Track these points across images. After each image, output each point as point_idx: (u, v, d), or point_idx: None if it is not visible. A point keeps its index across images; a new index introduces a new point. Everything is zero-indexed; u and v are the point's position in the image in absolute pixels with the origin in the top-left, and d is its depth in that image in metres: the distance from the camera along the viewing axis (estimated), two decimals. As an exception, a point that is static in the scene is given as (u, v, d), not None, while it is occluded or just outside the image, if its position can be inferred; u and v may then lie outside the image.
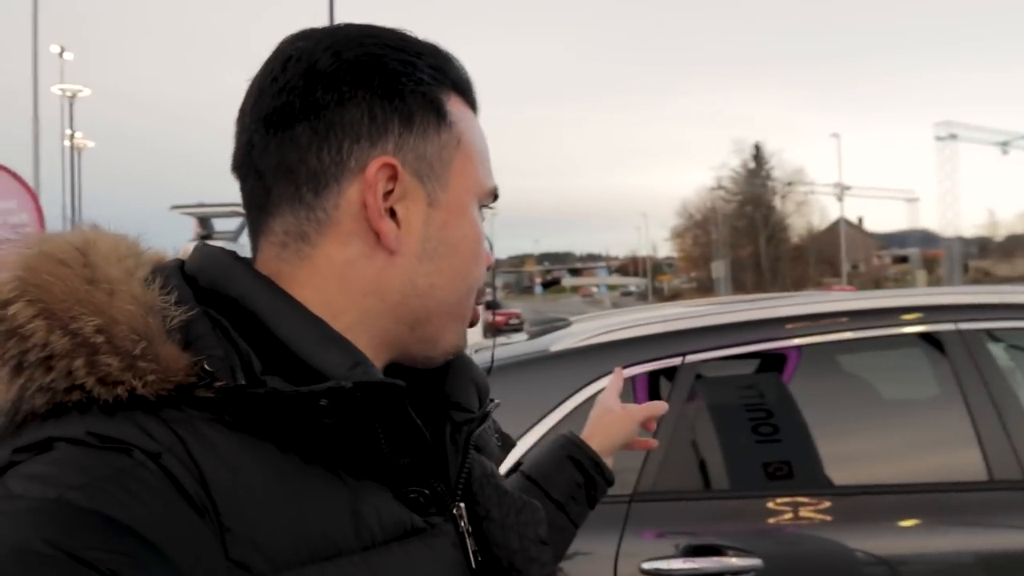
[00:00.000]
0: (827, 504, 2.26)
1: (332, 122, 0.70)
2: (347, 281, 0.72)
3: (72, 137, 30.63)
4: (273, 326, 0.67)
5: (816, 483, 2.32)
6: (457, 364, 0.82)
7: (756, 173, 63.58)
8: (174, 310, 0.65)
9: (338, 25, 0.76)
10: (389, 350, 0.76)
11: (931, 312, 2.49)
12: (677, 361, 2.37)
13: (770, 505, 2.25)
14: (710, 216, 65.62)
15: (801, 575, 2.15)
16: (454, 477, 0.77)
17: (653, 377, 2.38)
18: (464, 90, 0.78)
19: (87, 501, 0.54)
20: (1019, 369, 2.66)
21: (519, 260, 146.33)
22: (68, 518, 0.53)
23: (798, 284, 58.17)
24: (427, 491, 0.73)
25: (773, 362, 2.52)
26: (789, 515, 2.24)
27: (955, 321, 2.46)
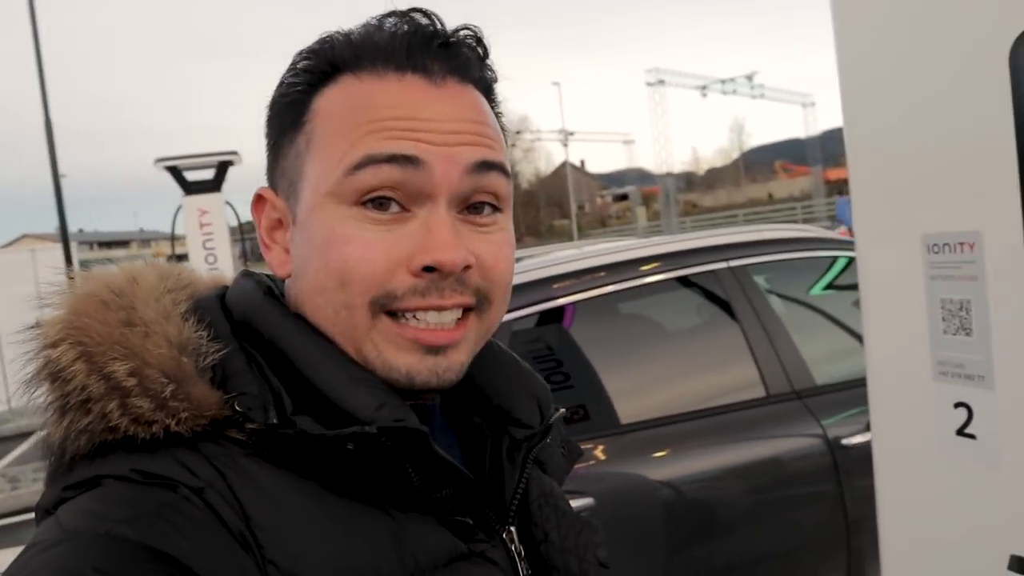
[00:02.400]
0: (627, 439, 2.48)
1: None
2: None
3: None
4: (302, 367, 0.67)
5: (609, 423, 2.52)
6: (515, 377, 0.80)
7: (485, 123, 65.13)
8: (208, 348, 0.67)
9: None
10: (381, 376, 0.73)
11: (707, 253, 2.78)
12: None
13: (585, 448, 2.42)
14: (444, 167, 66.35)
15: (624, 507, 2.36)
16: (508, 498, 0.74)
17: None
18: (359, 59, 0.68)
19: (134, 534, 0.56)
20: (776, 295, 3.03)
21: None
22: (119, 550, 0.55)
23: (532, 228, 60.93)
24: (470, 520, 0.70)
25: (562, 313, 2.68)
26: (600, 455, 2.43)
27: (727, 259, 2.77)
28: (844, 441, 2.55)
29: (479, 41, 0.71)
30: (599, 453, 2.42)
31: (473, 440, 0.79)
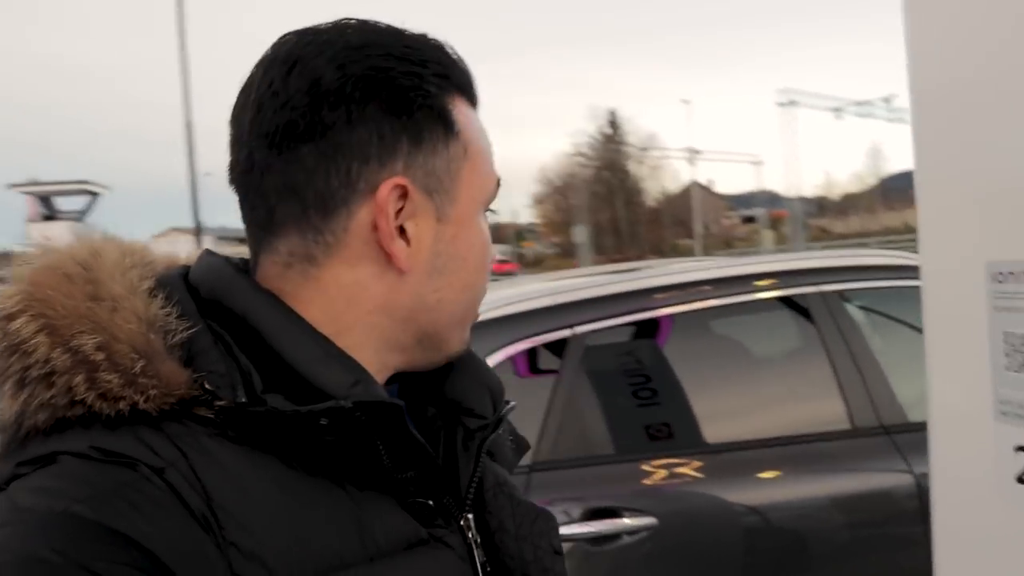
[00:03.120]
0: (708, 462, 2.41)
1: (339, 143, 0.68)
2: (355, 300, 0.71)
3: None
4: (275, 343, 0.67)
5: (693, 443, 2.46)
6: (470, 369, 0.82)
7: (612, 139, 65.03)
8: (176, 325, 0.66)
9: (337, 27, 0.72)
10: (393, 361, 0.76)
11: (797, 276, 2.68)
12: (567, 332, 2.45)
13: (657, 466, 2.37)
14: (569, 182, 66.65)
15: (691, 530, 2.29)
16: (464, 486, 0.76)
17: (546, 348, 2.45)
18: (466, 88, 0.76)
19: (93, 514, 0.55)
20: (871, 324, 2.89)
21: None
22: (75, 530, 0.55)
23: (655, 247, 60.20)
24: (431, 502, 0.71)
25: (652, 329, 2.64)
26: (675, 474, 2.37)
27: (816, 284, 2.66)
28: (933, 483, 2.40)
29: None
30: (676, 471, 2.36)
31: (427, 430, 0.79)
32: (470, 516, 0.76)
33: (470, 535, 0.75)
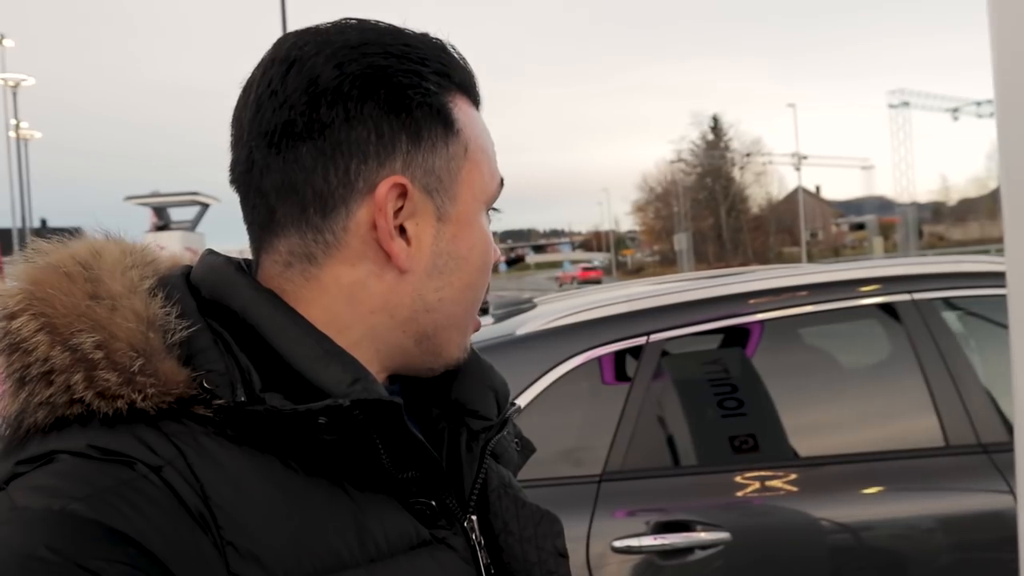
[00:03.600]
0: (792, 476, 2.31)
1: (338, 142, 0.68)
2: (355, 300, 0.71)
3: (17, 127, 29.84)
4: (274, 341, 0.67)
5: (780, 455, 2.37)
6: (474, 370, 0.81)
7: (715, 145, 63.99)
8: (175, 324, 0.66)
9: (337, 26, 0.72)
10: (393, 362, 0.75)
11: (887, 283, 2.55)
12: (642, 340, 2.40)
13: (737, 479, 2.29)
14: (671, 189, 65.99)
15: (768, 546, 2.21)
16: (468, 487, 0.75)
17: (619, 356, 2.41)
18: (468, 88, 0.75)
19: (90, 512, 0.55)
20: (971, 335, 2.73)
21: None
22: (72, 528, 0.54)
23: (759, 254, 58.83)
24: (434, 503, 0.71)
25: (737, 336, 2.56)
26: (755, 488, 2.29)
27: (910, 291, 2.53)
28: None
29: None
30: (776, 484, 2.28)
31: (431, 431, 0.78)
32: (474, 518, 0.75)
33: (474, 537, 0.74)
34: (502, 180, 0.78)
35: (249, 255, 0.76)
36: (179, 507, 0.58)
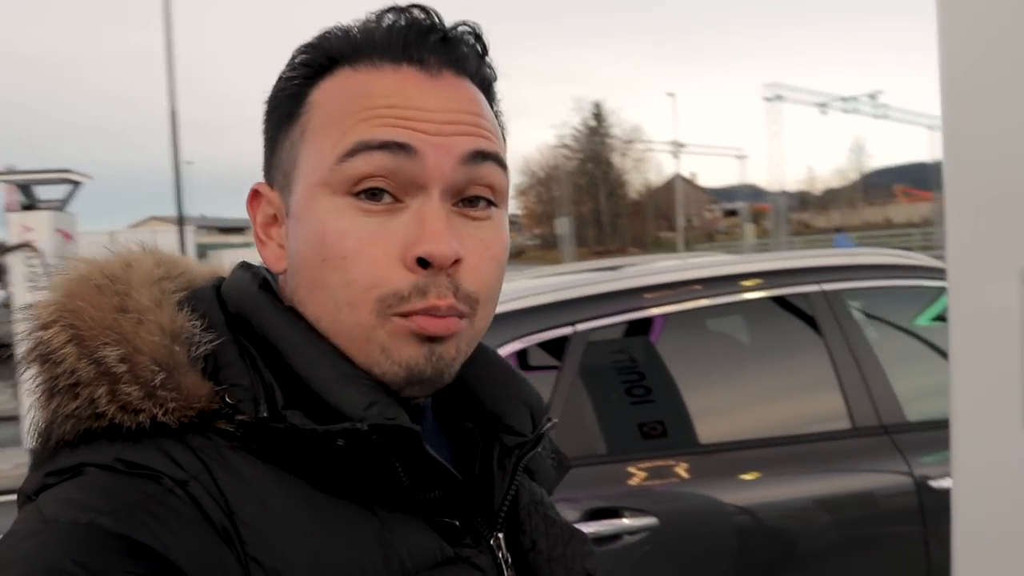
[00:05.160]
0: (720, 459, 2.39)
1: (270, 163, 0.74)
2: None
3: None
4: (292, 361, 0.66)
5: (699, 441, 2.44)
6: (507, 384, 0.79)
7: (596, 131, 65.12)
8: (202, 337, 0.66)
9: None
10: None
11: (799, 274, 2.67)
12: (569, 330, 2.42)
13: (659, 464, 2.35)
14: (553, 174, 66.76)
15: (695, 530, 2.28)
16: (497, 504, 0.73)
17: (545, 346, 2.42)
18: (357, 53, 0.68)
19: (116, 526, 0.55)
20: (872, 325, 2.88)
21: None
22: (99, 542, 0.54)
23: (637, 239, 60.36)
24: (458, 522, 0.69)
25: (663, 325, 2.61)
26: (682, 473, 2.35)
27: (819, 282, 2.65)
28: (932, 483, 2.40)
29: (478, 38, 0.71)
30: (679, 471, 2.35)
31: (464, 445, 0.77)
32: (501, 536, 0.73)
33: (500, 555, 0.73)
34: (378, 143, 0.64)
35: (121, 236, 0.76)
36: (204, 522, 0.58)
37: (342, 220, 0.65)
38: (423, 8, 0.68)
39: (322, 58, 0.69)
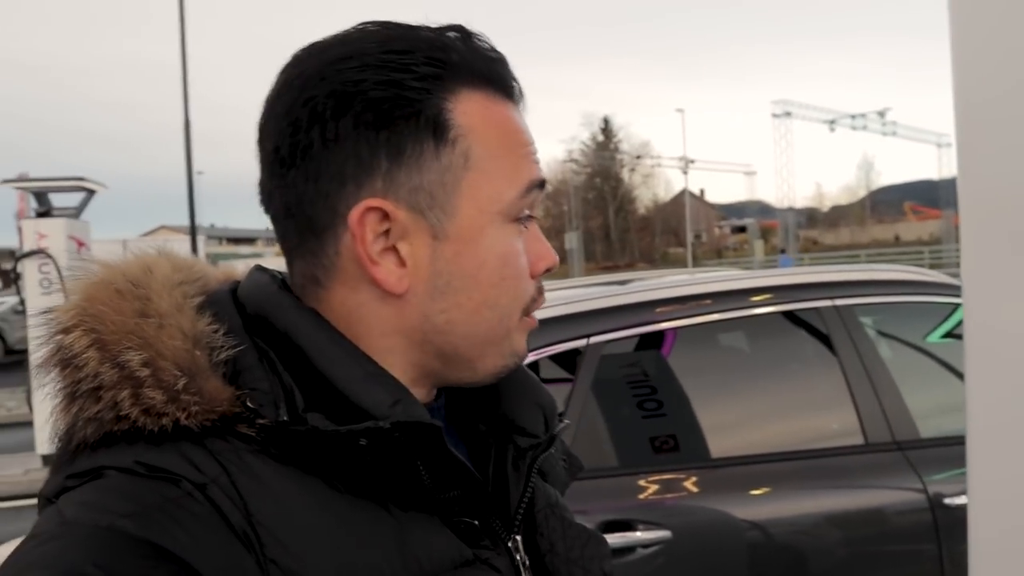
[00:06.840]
0: (718, 474, 2.39)
1: (319, 166, 0.66)
2: (365, 323, 0.70)
3: None
4: (316, 362, 0.66)
5: (703, 456, 2.44)
6: (521, 386, 0.79)
7: (605, 146, 65.17)
8: (222, 342, 0.66)
9: (331, 40, 0.70)
10: (427, 379, 0.74)
11: (812, 289, 2.67)
12: (583, 343, 2.43)
13: (675, 478, 2.35)
14: (562, 188, 66.84)
15: (709, 543, 2.28)
16: (514, 506, 0.74)
17: (559, 359, 2.43)
18: (490, 78, 0.70)
19: (136, 529, 0.56)
20: (885, 341, 2.88)
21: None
22: (119, 545, 0.55)
23: (645, 254, 60.31)
24: (477, 522, 0.70)
25: (681, 338, 2.61)
26: (698, 487, 2.35)
27: (832, 298, 2.65)
28: (947, 500, 2.39)
29: None
30: (691, 485, 2.35)
31: (478, 447, 0.78)
32: (518, 537, 0.74)
33: (518, 557, 0.73)
34: (541, 181, 0.73)
35: (133, 245, 0.75)
36: (223, 525, 0.58)
37: (516, 244, 0.72)
38: (484, 37, 0.71)
39: (457, 75, 0.68)
